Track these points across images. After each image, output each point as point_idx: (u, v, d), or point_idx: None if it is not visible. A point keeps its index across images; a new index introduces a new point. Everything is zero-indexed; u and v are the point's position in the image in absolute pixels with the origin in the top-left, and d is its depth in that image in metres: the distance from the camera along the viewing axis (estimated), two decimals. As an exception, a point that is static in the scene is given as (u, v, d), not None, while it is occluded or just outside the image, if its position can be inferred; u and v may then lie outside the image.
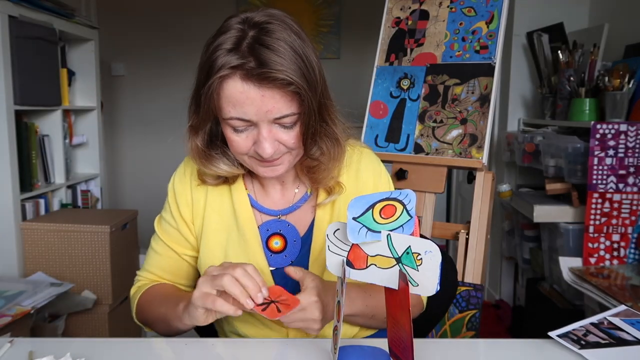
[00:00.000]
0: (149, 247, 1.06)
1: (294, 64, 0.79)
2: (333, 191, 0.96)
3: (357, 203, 0.71)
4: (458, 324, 1.68)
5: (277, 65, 0.78)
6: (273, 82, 0.78)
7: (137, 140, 3.83)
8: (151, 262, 1.05)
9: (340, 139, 0.94)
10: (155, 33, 3.69)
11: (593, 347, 0.81)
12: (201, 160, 0.93)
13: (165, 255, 1.03)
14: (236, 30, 0.81)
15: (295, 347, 0.84)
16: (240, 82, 0.79)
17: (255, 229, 0.97)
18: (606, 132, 1.75)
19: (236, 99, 0.80)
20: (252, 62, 0.78)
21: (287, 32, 0.81)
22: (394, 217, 0.71)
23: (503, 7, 1.78)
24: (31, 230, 2.09)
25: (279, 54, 0.78)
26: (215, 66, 0.80)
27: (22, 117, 2.23)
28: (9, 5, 2.03)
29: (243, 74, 0.79)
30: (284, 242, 0.98)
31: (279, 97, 0.80)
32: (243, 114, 0.81)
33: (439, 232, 1.79)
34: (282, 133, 0.84)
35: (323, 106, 0.87)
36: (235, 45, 0.79)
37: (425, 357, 0.81)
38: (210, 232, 0.99)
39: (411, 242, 0.69)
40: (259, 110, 0.81)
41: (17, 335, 0.94)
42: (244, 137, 0.85)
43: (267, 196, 1.00)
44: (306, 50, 0.82)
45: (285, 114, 0.82)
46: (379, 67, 1.96)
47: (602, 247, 1.82)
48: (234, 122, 0.83)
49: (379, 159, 1.05)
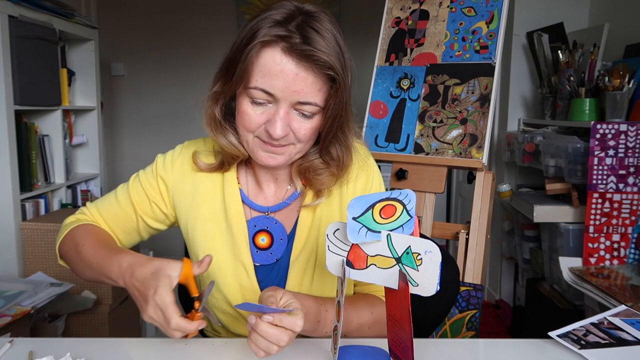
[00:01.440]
0: (112, 192, 1.04)
1: (336, 52, 0.80)
2: (321, 194, 0.95)
3: (357, 203, 0.71)
4: (458, 324, 1.68)
5: (321, 47, 0.78)
6: (313, 63, 0.78)
7: (137, 140, 3.83)
8: (107, 205, 1.03)
9: (350, 148, 0.93)
10: (155, 33, 3.69)
11: (593, 347, 0.81)
12: (214, 128, 0.92)
13: (124, 205, 1.01)
14: (288, 9, 0.81)
15: (295, 347, 0.84)
16: (280, 54, 0.79)
17: (243, 224, 0.96)
18: (606, 132, 1.75)
19: (269, 69, 0.79)
20: (298, 38, 0.78)
21: (335, 27, 0.83)
22: (394, 217, 0.71)
23: (503, 7, 1.78)
24: (31, 230, 2.09)
25: (325, 39, 0.79)
26: (260, 32, 0.79)
27: (22, 117, 2.23)
28: (9, 5, 2.03)
29: (286, 46, 0.78)
30: (270, 239, 0.97)
31: (311, 81, 0.80)
32: (270, 86, 0.80)
33: (439, 232, 1.79)
34: (298, 121, 0.84)
35: (346, 110, 0.86)
36: (284, 20, 0.80)
37: (425, 357, 0.81)
38: (199, 221, 0.98)
39: (411, 242, 0.69)
40: (287, 87, 0.80)
41: (17, 335, 0.94)
42: (259, 112, 0.83)
43: (260, 192, 0.99)
44: (345, 47, 0.84)
45: (310, 100, 0.81)
46: (379, 67, 1.95)
47: (602, 247, 1.82)
48: (256, 93, 0.81)
49: (374, 166, 1.01)
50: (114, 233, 1.03)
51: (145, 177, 1.01)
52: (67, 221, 1.03)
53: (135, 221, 1.01)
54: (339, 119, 0.85)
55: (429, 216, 1.79)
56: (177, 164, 1.00)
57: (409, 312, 0.68)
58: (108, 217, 1.02)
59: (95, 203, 1.04)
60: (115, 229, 1.02)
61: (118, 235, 1.03)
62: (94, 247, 0.93)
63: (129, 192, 1.01)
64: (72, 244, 0.97)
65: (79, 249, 0.94)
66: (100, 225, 1.02)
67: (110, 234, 1.02)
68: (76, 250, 0.95)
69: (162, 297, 0.75)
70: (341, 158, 0.92)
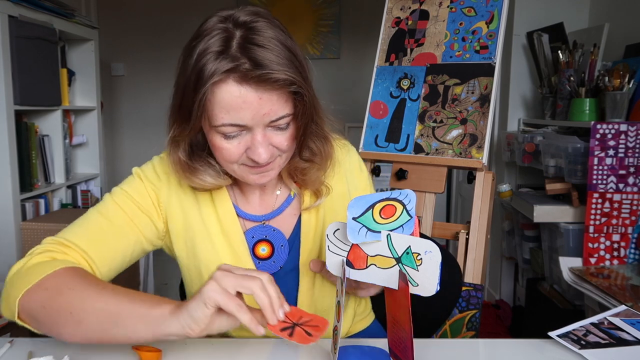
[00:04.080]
0: (80, 218, 0.88)
1: (288, 61, 0.74)
2: (320, 194, 0.93)
3: (357, 203, 0.71)
4: (458, 324, 1.68)
5: (274, 65, 0.73)
6: (272, 84, 0.73)
7: (137, 140, 3.83)
8: (84, 230, 0.85)
9: (328, 136, 0.91)
10: (155, 33, 3.69)
11: (593, 347, 0.81)
12: (185, 174, 0.86)
13: (114, 218, 0.86)
14: (220, 30, 0.74)
15: (295, 347, 0.84)
16: (236, 86, 0.73)
17: (241, 236, 0.92)
18: (606, 132, 1.75)
19: (231, 105, 0.74)
20: (247, 63, 0.72)
21: (276, 29, 0.76)
22: (394, 217, 0.71)
23: (503, 7, 1.78)
24: (31, 230, 2.09)
25: (273, 51, 0.73)
26: (206, 72, 0.72)
27: (22, 117, 2.23)
28: (9, 5, 2.03)
29: (238, 76, 0.73)
30: (270, 248, 0.94)
31: (276, 98, 0.75)
32: (238, 119, 0.75)
33: (439, 232, 1.79)
34: (276, 136, 0.80)
35: (314, 103, 0.82)
36: (223, 47, 0.73)
37: (425, 357, 0.81)
38: (198, 236, 0.91)
39: (411, 242, 0.69)
40: (256, 113, 0.75)
41: (17, 335, 0.94)
42: (235, 143, 0.79)
43: (248, 202, 0.95)
44: (295, 46, 0.77)
45: (281, 115, 0.77)
46: (379, 67, 1.95)
47: (602, 247, 1.82)
48: (226, 129, 0.77)
49: (358, 155, 1.04)
50: (96, 266, 0.85)
51: (130, 188, 0.91)
52: (30, 262, 0.79)
53: (127, 237, 0.88)
54: (310, 115, 0.82)
55: (429, 216, 1.79)
56: (163, 175, 0.93)
57: (409, 313, 0.68)
58: (87, 242, 0.84)
59: (63, 233, 0.85)
60: (97, 258, 0.84)
61: (100, 268, 0.85)
62: (111, 294, 0.74)
63: (116, 204, 0.88)
64: (55, 295, 0.73)
65: (78, 302, 0.73)
66: (80, 264, 0.82)
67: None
68: (68, 304, 0.73)
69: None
70: (322, 149, 0.90)
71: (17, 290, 0.75)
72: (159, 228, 0.91)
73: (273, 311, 0.68)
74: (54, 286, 0.74)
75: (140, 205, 0.89)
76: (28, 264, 0.79)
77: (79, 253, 0.83)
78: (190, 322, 0.67)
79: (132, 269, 2.17)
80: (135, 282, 2.40)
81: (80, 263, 0.82)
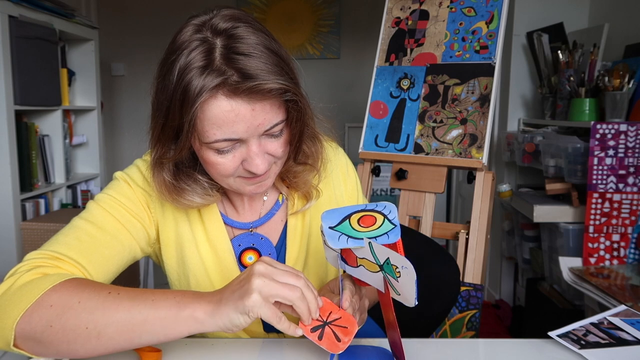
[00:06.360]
0: (65, 228, 0.81)
1: (277, 67, 0.71)
2: (310, 196, 0.91)
3: (330, 215, 0.70)
4: (458, 324, 1.68)
5: (264, 74, 0.69)
6: (265, 94, 0.70)
7: (137, 140, 3.82)
8: (71, 239, 0.78)
9: (318, 135, 0.89)
10: (155, 33, 3.69)
11: (593, 347, 0.81)
12: (172, 195, 0.82)
13: (104, 224, 0.81)
14: (199, 42, 0.70)
15: (294, 347, 0.84)
16: (226, 100, 0.70)
17: (228, 245, 0.90)
18: (606, 132, 1.75)
19: (223, 120, 0.71)
20: (235, 75, 0.68)
21: (258, 33, 0.72)
22: (374, 225, 0.69)
23: (503, 7, 1.78)
24: (31, 230, 2.09)
25: (259, 58, 0.70)
26: (192, 90, 0.68)
27: (22, 117, 2.23)
28: (9, 5, 2.03)
29: (228, 90, 0.69)
30: (258, 256, 0.91)
31: (269, 108, 0.73)
32: (232, 133, 0.72)
33: (439, 232, 1.79)
34: (271, 143, 0.77)
35: (305, 105, 0.79)
36: (206, 60, 0.69)
37: (425, 357, 0.81)
38: (186, 247, 0.89)
39: (389, 255, 0.66)
40: (249, 126, 0.72)
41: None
42: (230, 157, 0.76)
43: (235, 209, 0.93)
44: (280, 49, 0.74)
45: (275, 123, 0.74)
46: (379, 67, 1.96)
47: (602, 247, 1.82)
48: (220, 144, 0.73)
49: (347, 157, 1.02)
50: (91, 277, 0.78)
51: (117, 193, 0.86)
52: (15, 285, 0.70)
53: (121, 244, 0.83)
54: (303, 117, 0.79)
55: (429, 216, 1.79)
56: (149, 179, 0.87)
57: (394, 315, 0.68)
58: (79, 252, 0.77)
59: (50, 245, 0.78)
60: (92, 269, 0.78)
61: (96, 279, 0.79)
62: (127, 301, 0.68)
63: (105, 211, 0.83)
64: (64, 311, 0.66)
65: (93, 315, 0.66)
66: (76, 275, 0.74)
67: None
68: (82, 318, 0.66)
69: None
70: (314, 150, 0.88)
71: (9, 314, 0.66)
72: (150, 234, 0.88)
73: (309, 317, 0.69)
74: (59, 302, 0.67)
75: (131, 211, 0.85)
76: (16, 284, 0.70)
77: (72, 264, 0.76)
78: (229, 326, 0.66)
79: (132, 268, 2.17)
80: (135, 282, 2.40)
81: (76, 275, 0.75)
